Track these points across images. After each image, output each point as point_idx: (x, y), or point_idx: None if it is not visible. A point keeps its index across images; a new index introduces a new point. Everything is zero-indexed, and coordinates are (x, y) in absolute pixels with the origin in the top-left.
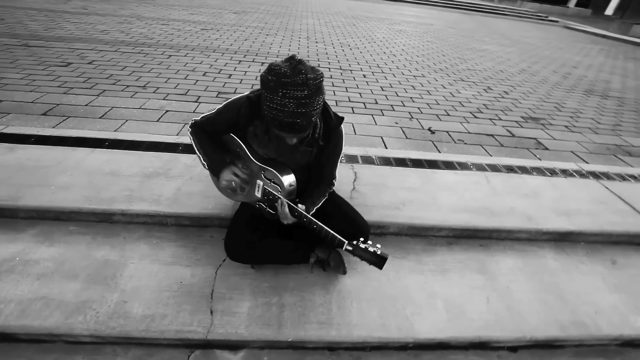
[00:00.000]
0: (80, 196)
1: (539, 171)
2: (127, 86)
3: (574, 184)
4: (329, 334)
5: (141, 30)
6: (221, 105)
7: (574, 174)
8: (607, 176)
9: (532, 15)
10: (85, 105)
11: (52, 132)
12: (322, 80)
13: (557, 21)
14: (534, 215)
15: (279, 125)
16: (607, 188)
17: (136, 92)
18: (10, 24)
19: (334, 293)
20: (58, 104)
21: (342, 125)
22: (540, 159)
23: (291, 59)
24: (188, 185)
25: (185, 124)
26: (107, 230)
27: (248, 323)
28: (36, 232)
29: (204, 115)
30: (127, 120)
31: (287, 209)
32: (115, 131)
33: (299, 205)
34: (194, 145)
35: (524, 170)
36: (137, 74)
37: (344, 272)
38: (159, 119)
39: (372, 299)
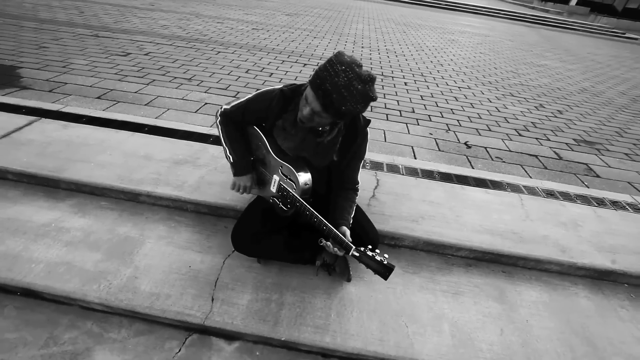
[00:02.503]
0: (114, 175)
1: (585, 199)
2: (175, 77)
3: (625, 218)
4: (323, 339)
5: (197, 27)
6: (251, 95)
7: (627, 207)
8: None
9: (607, 31)
10: (135, 92)
11: (102, 114)
12: (372, 96)
13: (636, 39)
14: (569, 246)
15: (319, 85)
16: None
17: (181, 84)
18: (87, 16)
19: (336, 299)
20: (112, 90)
21: (367, 128)
22: (588, 187)
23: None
24: (211, 175)
25: None
26: (132, 209)
27: (245, 316)
28: (73, 203)
29: (233, 103)
30: (168, 109)
31: (332, 248)
32: (156, 118)
33: (342, 229)
34: (220, 135)
35: (566, 196)
36: (186, 67)
37: (348, 280)
38: (197, 110)
39: (374, 311)
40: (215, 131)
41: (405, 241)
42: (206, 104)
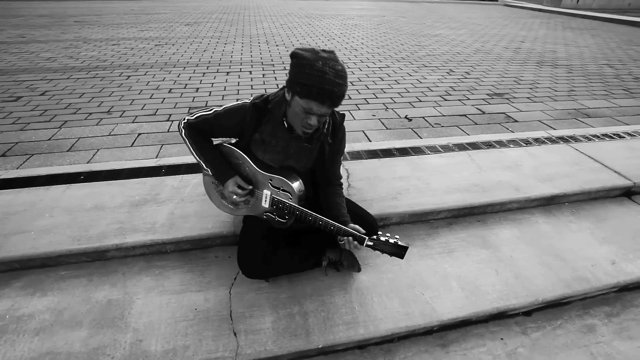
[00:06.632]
0: (66, 237)
1: (515, 143)
2: (90, 114)
3: (548, 150)
4: (357, 332)
5: (91, 54)
6: (220, 108)
7: (546, 140)
8: (575, 139)
9: None
10: (48, 139)
11: (18, 174)
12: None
13: (496, 0)
14: (520, 184)
15: (319, 92)
16: (577, 150)
17: (101, 119)
18: None
19: (353, 292)
20: (17, 142)
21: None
22: (512, 131)
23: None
24: (181, 207)
25: (162, 144)
26: (103, 269)
27: (275, 337)
28: (23, 284)
29: (197, 114)
30: (98, 150)
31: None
32: (88, 163)
33: (350, 225)
34: (189, 148)
35: (501, 144)
36: (98, 99)
37: (359, 270)
38: (133, 143)
39: (391, 290)
40: (165, 161)
41: (392, 219)
42: (140, 134)
